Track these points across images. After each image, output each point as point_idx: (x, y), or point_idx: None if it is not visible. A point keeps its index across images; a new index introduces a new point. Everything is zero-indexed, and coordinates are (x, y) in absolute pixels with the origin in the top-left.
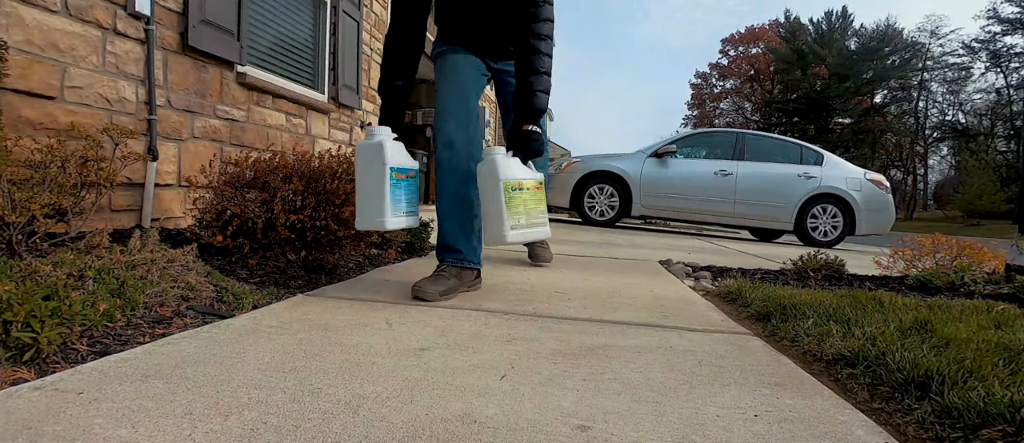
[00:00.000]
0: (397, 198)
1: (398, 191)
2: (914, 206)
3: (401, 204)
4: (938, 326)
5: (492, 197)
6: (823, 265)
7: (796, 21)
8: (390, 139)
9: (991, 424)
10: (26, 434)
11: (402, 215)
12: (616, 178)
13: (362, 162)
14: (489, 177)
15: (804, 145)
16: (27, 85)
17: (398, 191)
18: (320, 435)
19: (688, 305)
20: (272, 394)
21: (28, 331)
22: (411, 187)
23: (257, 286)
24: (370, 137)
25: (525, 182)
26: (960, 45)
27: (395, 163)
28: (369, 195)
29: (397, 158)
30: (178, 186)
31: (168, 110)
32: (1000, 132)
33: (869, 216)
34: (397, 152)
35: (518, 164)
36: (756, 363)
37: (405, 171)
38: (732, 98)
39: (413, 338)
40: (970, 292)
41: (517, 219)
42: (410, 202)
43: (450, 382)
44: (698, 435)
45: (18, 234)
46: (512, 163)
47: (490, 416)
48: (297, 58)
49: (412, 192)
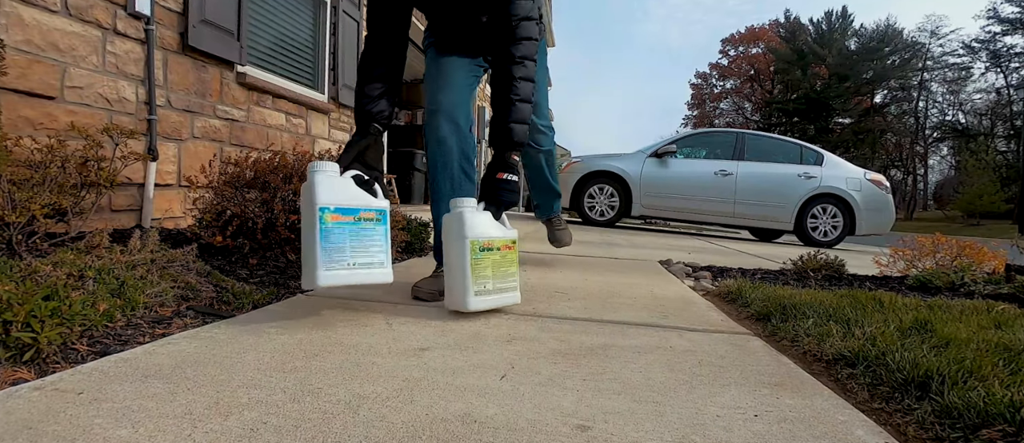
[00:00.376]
0: (334, 246)
1: (337, 238)
2: (914, 206)
3: (343, 254)
4: (938, 326)
5: (457, 256)
6: (823, 265)
7: (796, 21)
8: (331, 173)
9: (991, 424)
10: (26, 434)
11: (343, 267)
12: (616, 178)
13: (302, 202)
14: (454, 234)
15: (804, 145)
16: (27, 85)
17: (337, 238)
18: (320, 435)
19: (688, 305)
20: (272, 394)
21: (28, 331)
22: (365, 232)
23: (257, 286)
24: (309, 172)
25: (496, 241)
26: (960, 45)
27: (330, 202)
28: (305, 244)
29: (336, 195)
30: (178, 186)
31: (168, 110)
32: (1000, 132)
33: (869, 216)
34: (340, 188)
35: (489, 219)
36: (756, 363)
37: (351, 213)
38: (732, 98)
39: (413, 338)
40: (970, 292)
41: (483, 284)
42: (365, 250)
43: (450, 382)
44: (698, 435)
45: (18, 234)
46: (482, 218)
47: (490, 416)
48: (297, 58)
49: (369, 238)
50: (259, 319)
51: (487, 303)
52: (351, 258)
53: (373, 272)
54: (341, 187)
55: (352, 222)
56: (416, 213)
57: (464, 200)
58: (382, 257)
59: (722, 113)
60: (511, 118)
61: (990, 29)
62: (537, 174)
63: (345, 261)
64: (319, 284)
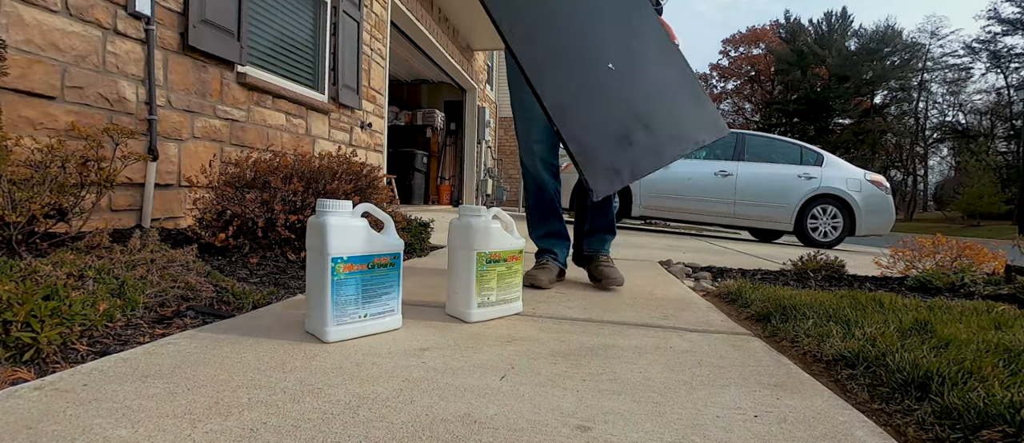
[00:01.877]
0: (345, 299)
1: (348, 290)
2: (914, 207)
3: (355, 306)
4: (938, 327)
5: (462, 266)
6: (823, 266)
7: (796, 22)
8: (344, 216)
9: (991, 425)
10: (26, 434)
11: (354, 321)
12: None
13: (309, 244)
14: (460, 246)
15: (804, 146)
16: (27, 85)
17: (348, 290)
18: (320, 435)
19: (688, 305)
20: (272, 394)
21: (28, 331)
22: (378, 280)
23: (257, 286)
24: (319, 212)
25: (503, 252)
26: (960, 46)
27: (344, 250)
28: (311, 291)
29: (349, 242)
30: (178, 186)
31: (168, 110)
32: (1000, 133)
33: (869, 217)
34: (354, 233)
35: (498, 229)
36: (756, 364)
37: (364, 260)
38: (732, 99)
39: (413, 338)
40: (970, 293)
41: (487, 296)
42: (378, 298)
43: (450, 382)
44: (698, 436)
45: (18, 234)
46: (491, 229)
47: (490, 416)
48: (297, 58)
49: (382, 285)
50: (259, 319)
51: (487, 314)
52: (362, 310)
53: (384, 321)
54: (355, 231)
55: (365, 271)
56: (416, 213)
57: (472, 208)
58: (393, 304)
59: (722, 114)
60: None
61: (990, 29)
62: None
63: (356, 314)
64: (327, 340)
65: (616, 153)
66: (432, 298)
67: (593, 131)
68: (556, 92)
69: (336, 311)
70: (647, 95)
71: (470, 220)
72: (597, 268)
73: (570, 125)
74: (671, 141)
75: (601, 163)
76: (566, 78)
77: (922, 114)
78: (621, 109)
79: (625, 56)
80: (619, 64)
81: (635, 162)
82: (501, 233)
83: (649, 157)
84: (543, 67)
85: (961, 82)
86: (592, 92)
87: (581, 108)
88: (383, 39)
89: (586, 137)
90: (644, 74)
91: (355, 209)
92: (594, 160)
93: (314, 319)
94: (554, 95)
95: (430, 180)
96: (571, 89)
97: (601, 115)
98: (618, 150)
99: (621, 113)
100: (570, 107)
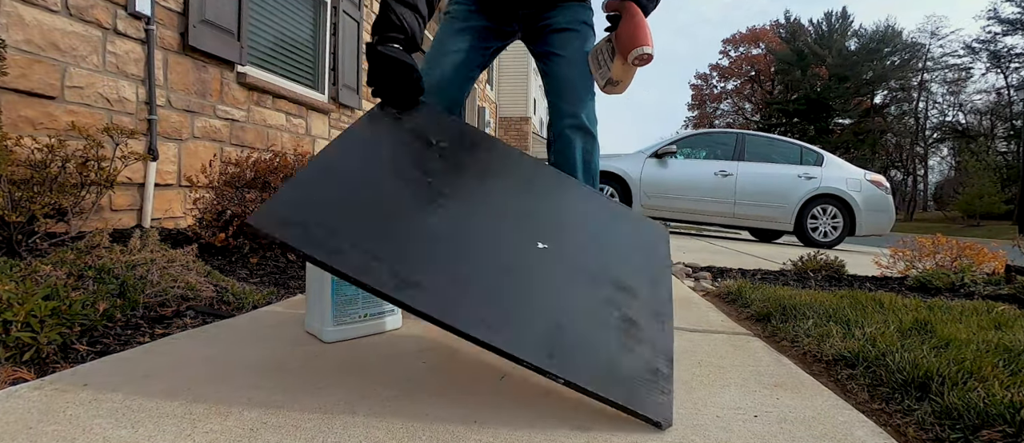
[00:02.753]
0: (346, 297)
1: (348, 288)
2: (914, 207)
3: (355, 306)
4: (938, 327)
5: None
6: (823, 266)
7: (796, 22)
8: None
9: (991, 425)
10: (26, 434)
11: (354, 320)
12: (616, 178)
13: None
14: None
15: (804, 146)
16: (27, 85)
17: (348, 288)
18: (320, 435)
19: (688, 305)
20: (272, 394)
21: (28, 331)
22: None
23: (257, 286)
24: None
25: None
26: (960, 46)
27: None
28: (311, 290)
29: None
30: (178, 186)
31: (168, 110)
32: (1000, 133)
33: (869, 217)
34: None
35: None
36: (756, 364)
37: None
38: (732, 99)
39: (413, 338)
40: (970, 293)
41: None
42: (375, 301)
43: (450, 382)
44: (698, 435)
45: (18, 234)
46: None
47: (490, 417)
48: (297, 58)
49: None
50: (260, 319)
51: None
52: (363, 309)
53: (384, 320)
54: None
55: None
56: None
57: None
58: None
59: (722, 114)
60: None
61: (990, 29)
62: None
63: (357, 314)
64: (327, 340)
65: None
66: None
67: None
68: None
69: (336, 310)
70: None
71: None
72: None
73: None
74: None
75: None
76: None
77: (922, 114)
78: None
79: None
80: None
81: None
82: None
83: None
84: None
85: (961, 82)
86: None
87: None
88: None
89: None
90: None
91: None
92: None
93: (314, 318)
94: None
95: None
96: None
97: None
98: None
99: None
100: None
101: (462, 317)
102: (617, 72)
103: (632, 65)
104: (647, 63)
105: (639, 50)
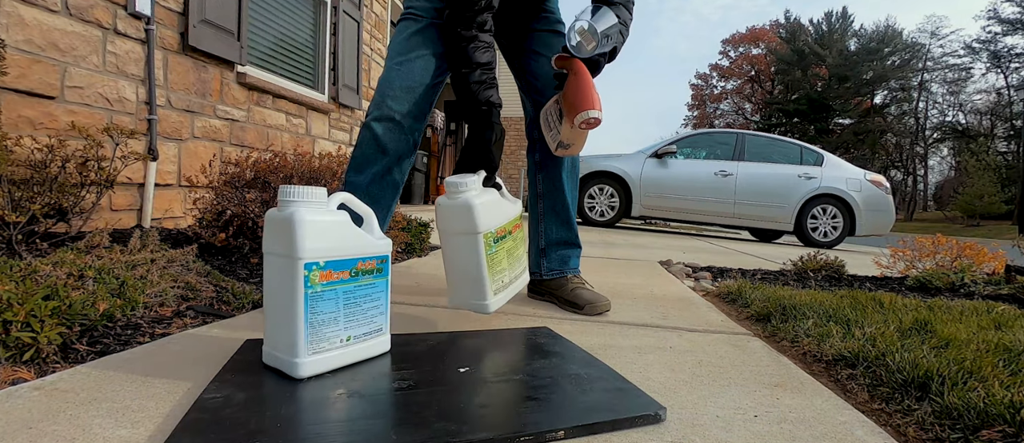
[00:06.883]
0: (323, 318)
1: (327, 307)
2: (914, 207)
3: (335, 328)
4: (938, 327)
5: (468, 256)
6: (823, 266)
7: (796, 22)
8: (319, 208)
9: (991, 425)
10: (26, 434)
11: (335, 347)
12: (616, 178)
13: (267, 247)
14: (461, 231)
15: (804, 146)
16: (27, 84)
17: (327, 307)
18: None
19: (688, 305)
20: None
21: (28, 331)
22: (363, 291)
23: (257, 286)
24: (283, 203)
25: (507, 224)
26: (961, 46)
27: (320, 253)
28: (273, 310)
29: (327, 243)
30: (178, 186)
31: (168, 110)
32: (1000, 133)
33: (869, 217)
34: (331, 232)
35: (495, 197)
36: (756, 363)
37: (346, 266)
38: (732, 99)
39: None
40: (970, 293)
41: (501, 278)
42: (364, 315)
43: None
44: (698, 435)
45: (18, 234)
46: (489, 200)
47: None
48: (297, 58)
49: (368, 298)
50: (259, 319)
51: (505, 298)
52: (345, 331)
53: (370, 344)
54: (333, 229)
55: (347, 279)
56: (416, 213)
57: (460, 180)
58: (381, 321)
59: (722, 114)
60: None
61: (990, 29)
62: (554, 193)
63: (337, 337)
64: (300, 375)
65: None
66: (434, 301)
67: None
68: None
69: (311, 336)
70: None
71: (467, 198)
72: (572, 292)
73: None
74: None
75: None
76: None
77: (922, 114)
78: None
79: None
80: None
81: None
82: (500, 202)
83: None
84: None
85: (961, 82)
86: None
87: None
88: (383, 39)
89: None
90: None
91: (330, 199)
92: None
93: (280, 348)
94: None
95: (430, 180)
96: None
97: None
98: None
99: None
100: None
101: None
102: (566, 135)
103: (580, 129)
104: (595, 127)
105: (585, 114)
